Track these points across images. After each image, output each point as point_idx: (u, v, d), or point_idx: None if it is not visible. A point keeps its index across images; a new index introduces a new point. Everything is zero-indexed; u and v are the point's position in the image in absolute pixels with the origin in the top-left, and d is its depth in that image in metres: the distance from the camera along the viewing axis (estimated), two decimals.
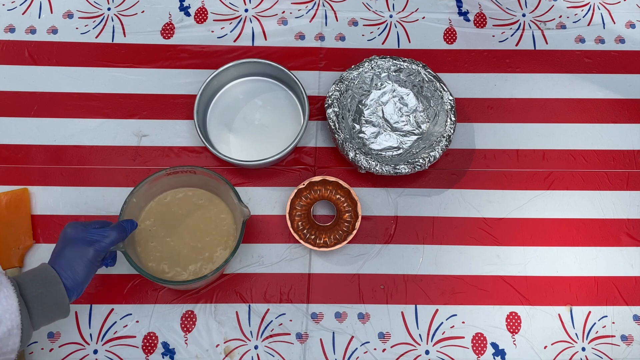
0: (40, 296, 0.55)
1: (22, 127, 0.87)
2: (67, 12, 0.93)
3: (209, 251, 0.75)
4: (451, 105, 0.83)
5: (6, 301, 0.50)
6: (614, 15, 0.96)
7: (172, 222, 0.76)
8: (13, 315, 0.51)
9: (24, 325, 0.52)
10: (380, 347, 0.78)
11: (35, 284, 0.55)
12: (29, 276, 0.56)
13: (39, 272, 0.57)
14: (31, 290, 0.54)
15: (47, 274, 0.56)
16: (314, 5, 0.95)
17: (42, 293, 0.55)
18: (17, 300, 0.51)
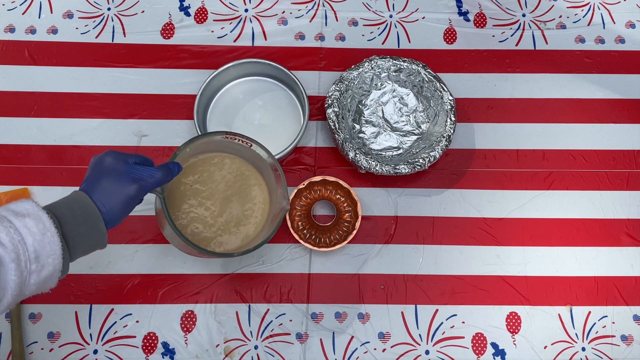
0: (80, 235, 0.51)
1: (22, 127, 0.87)
2: (67, 12, 0.93)
3: (243, 228, 0.70)
4: (451, 105, 0.83)
5: (50, 246, 0.48)
6: (614, 15, 0.96)
7: (214, 186, 0.70)
8: (56, 261, 0.49)
9: (64, 267, 0.51)
10: (380, 347, 0.78)
11: (76, 221, 0.51)
12: (69, 211, 0.51)
13: (80, 206, 0.52)
14: (72, 229, 0.51)
15: (88, 210, 0.52)
16: (314, 5, 0.95)
17: (83, 232, 0.52)
18: (61, 244, 0.49)
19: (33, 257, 0.47)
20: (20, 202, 0.50)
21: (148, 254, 0.81)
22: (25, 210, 0.49)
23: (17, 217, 0.48)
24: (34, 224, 0.48)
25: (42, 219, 0.48)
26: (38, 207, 0.49)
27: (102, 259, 0.81)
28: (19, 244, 0.46)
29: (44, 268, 0.49)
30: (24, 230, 0.47)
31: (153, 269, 0.80)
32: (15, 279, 0.46)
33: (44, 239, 0.48)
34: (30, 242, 0.47)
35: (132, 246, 0.81)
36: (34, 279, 0.48)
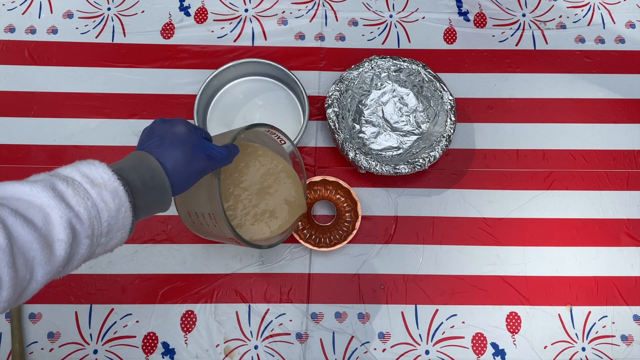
0: (148, 204, 0.50)
1: (22, 127, 0.87)
2: (67, 12, 0.93)
3: (275, 221, 0.70)
4: (451, 105, 0.83)
5: (122, 222, 0.47)
6: (614, 15, 0.96)
7: (250, 176, 0.70)
8: (125, 234, 0.49)
9: (129, 236, 0.50)
10: (380, 347, 0.78)
11: (147, 192, 0.49)
12: (142, 180, 0.49)
13: (152, 176, 0.50)
14: (142, 199, 0.49)
15: (160, 181, 0.50)
16: (314, 5, 0.95)
17: (151, 202, 0.50)
18: (132, 218, 0.48)
19: (105, 232, 0.46)
20: (94, 167, 0.46)
21: (148, 254, 0.81)
22: (101, 180, 0.46)
23: (94, 187, 0.45)
24: (111, 198, 0.46)
25: (118, 193, 0.46)
26: (114, 176, 0.46)
27: (102, 259, 0.81)
28: (94, 220, 0.45)
29: (111, 240, 0.48)
30: (101, 204, 0.45)
31: (153, 269, 0.81)
32: (85, 252, 0.45)
33: (118, 214, 0.47)
34: (105, 217, 0.45)
35: (132, 246, 0.81)
36: (100, 250, 0.48)
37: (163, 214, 0.82)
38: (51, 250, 0.42)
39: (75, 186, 0.44)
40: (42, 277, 0.42)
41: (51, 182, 0.44)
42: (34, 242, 0.40)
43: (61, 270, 0.44)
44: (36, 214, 0.42)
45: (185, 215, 0.65)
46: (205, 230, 0.64)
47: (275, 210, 0.70)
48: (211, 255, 0.81)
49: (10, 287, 0.39)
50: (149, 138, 0.53)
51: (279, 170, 0.71)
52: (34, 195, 0.42)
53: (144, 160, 0.50)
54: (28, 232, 0.40)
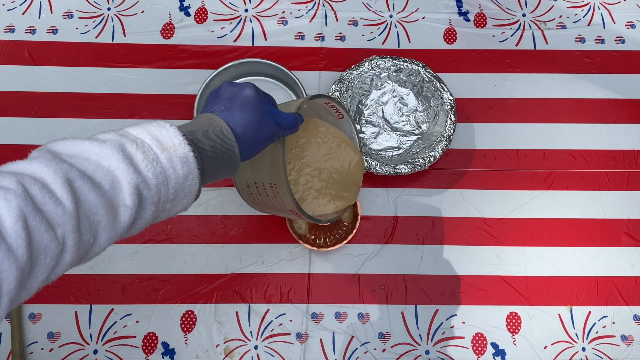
0: (216, 171, 0.48)
1: (22, 127, 0.87)
2: (67, 12, 0.93)
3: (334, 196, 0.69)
4: (451, 105, 0.83)
5: (188, 189, 0.46)
6: (614, 15, 0.96)
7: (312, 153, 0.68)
8: (190, 201, 0.47)
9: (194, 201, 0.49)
10: (380, 347, 0.78)
11: (216, 157, 0.48)
12: (211, 145, 0.47)
13: (222, 142, 0.48)
14: (210, 165, 0.47)
15: (229, 147, 0.48)
16: (314, 5, 0.95)
17: (219, 168, 0.48)
18: (199, 185, 0.47)
19: (171, 198, 0.45)
20: (165, 130, 0.45)
21: (148, 254, 0.81)
22: (171, 144, 0.44)
23: (164, 152, 0.43)
24: (180, 164, 0.44)
25: (188, 160, 0.44)
26: (184, 141, 0.44)
27: (102, 259, 0.81)
28: (161, 186, 0.43)
29: (176, 206, 0.47)
30: (170, 171, 0.43)
31: (153, 269, 0.81)
32: (149, 217, 0.44)
33: (186, 181, 0.45)
34: (172, 184, 0.44)
35: (132, 246, 0.81)
36: (164, 215, 0.46)
37: None
38: (116, 216, 0.41)
39: (145, 149, 0.43)
40: (105, 241, 0.41)
41: (121, 143, 0.42)
42: (100, 206, 0.39)
43: (124, 234, 0.43)
44: (104, 176, 0.40)
45: (242, 186, 0.63)
46: (263, 201, 0.63)
47: (338, 187, 0.69)
48: (211, 255, 0.81)
49: (74, 251, 0.38)
50: (217, 101, 0.51)
51: (342, 147, 0.70)
52: (103, 156, 0.41)
53: (213, 124, 0.48)
54: (95, 197, 0.39)
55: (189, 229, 0.82)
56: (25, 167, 0.38)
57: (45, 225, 0.36)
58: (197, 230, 0.82)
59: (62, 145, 0.42)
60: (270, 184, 0.59)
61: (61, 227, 0.37)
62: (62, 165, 0.39)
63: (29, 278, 0.36)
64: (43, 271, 0.37)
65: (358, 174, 0.70)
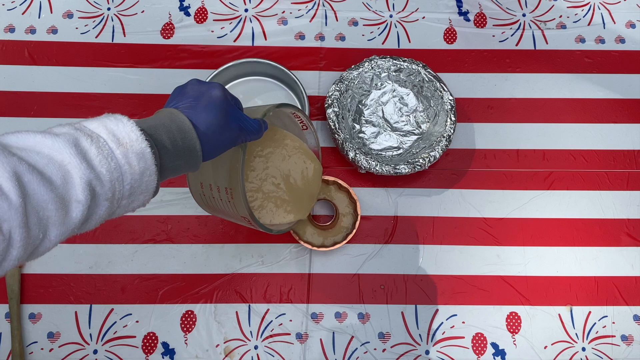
0: (175, 167, 0.48)
1: (22, 127, 0.86)
2: (67, 12, 0.93)
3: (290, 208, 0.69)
4: (451, 105, 0.83)
5: (145, 185, 0.45)
6: (614, 15, 0.96)
7: (276, 163, 0.69)
8: (147, 197, 0.46)
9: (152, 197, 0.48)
10: (380, 347, 0.78)
11: (176, 153, 0.47)
12: (171, 140, 0.46)
13: (183, 137, 0.47)
14: (170, 161, 0.47)
15: (190, 143, 0.47)
16: (314, 5, 0.95)
17: (179, 165, 0.48)
18: (156, 181, 0.46)
19: (127, 195, 0.44)
20: (122, 124, 0.44)
21: (148, 254, 0.81)
22: (128, 139, 0.43)
23: (119, 147, 0.43)
24: (136, 160, 0.43)
25: (144, 156, 0.44)
26: (142, 137, 0.43)
27: (102, 259, 0.81)
28: (116, 182, 0.42)
29: (133, 202, 0.46)
30: (125, 167, 0.43)
31: (153, 269, 0.81)
32: (103, 213, 0.43)
33: (142, 178, 0.44)
34: (128, 180, 0.43)
35: (132, 246, 0.81)
36: (120, 212, 0.46)
37: (163, 213, 0.82)
38: (67, 211, 0.40)
39: (100, 144, 0.42)
40: (56, 237, 0.40)
41: (75, 137, 0.41)
42: (50, 202, 0.38)
43: (76, 230, 0.42)
44: (55, 171, 0.39)
45: (196, 186, 0.63)
46: (215, 204, 0.62)
47: (297, 199, 0.69)
48: (211, 255, 0.81)
49: (21, 246, 0.37)
50: (182, 98, 0.50)
51: (306, 162, 0.70)
52: (55, 150, 0.40)
53: (175, 120, 0.47)
54: (44, 191, 0.38)
55: (189, 229, 0.82)
56: None
57: None
58: (197, 230, 0.82)
59: (13, 138, 0.40)
60: (226, 188, 0.58)
61: (7, 222, 0.36)
62: (11, 158, 0.37)
63: None
64: None
65: (314, 186, 0.71)
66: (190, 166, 0.49)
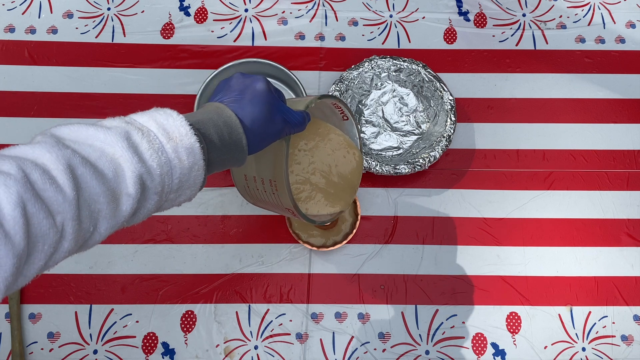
0: (222, 160, 0.48)
1: (22, 127, 0.87)
2: (67, 12, 0.93)
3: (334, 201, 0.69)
4: (451, 105, 0.83)
5: (193, 180, 0.45)
6: (614, 15, 0.96)
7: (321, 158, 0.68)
8: (194, 191, 0.47)
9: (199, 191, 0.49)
10: (380, 347, 0.78)
11: (223, 147, 0.47)
12: (219, 135, 0.47)
13: (230, 132, 0.47)
14: (217, 156, 0.47)
15: (237, 138, 0.48)
16: (314, 5, 0.95)
17: (226, 159, 0.48)
18: (204, 176, 0.46)
19: (175, 189, 0.45)
20: (172, 118, 0.45)
21: (148, 254, 0.81)
22: (178, 134, 0.44)
23: (170, 142, 0.43)
24: (186, 155, 0.44)
25: (194, 150, 0.44)
26: (191, 131, 0.44)
27: (102, 259, 0.81)
28: (166, 177, 0.43)
29: (180, 197, 0.46)
30: (175, 161, 0.43)
31: (153, 269, 0.81)
32: (152, 207, 0.44)
33: (191, 172, 0.45)
34: (177, 174, 0.44)
35: (132, 246, 0.81)
36: (167, 206, 0.46)
37: (163, 213, 0.82)
38: (117, 205, 0.40)
39: (151, 138, 0.42)
40: (106, 230, 0.40)
41: (126, 130, 0.42)
42: (102, 195, 0.39)
43: (125, 223, 0.42)
44: (107, 164, 0.40)
45: (240, 178, 0.63)
46: (259, 196, 0.62)
47: (340, 191, 0.69)
48: (211, 255, 0.81)
49: (73, 239, 0.38)
50: (228, 92, 0.51)
51: (349, 155, 0.70)
52: (107, 143, 0.40)
53: (221, 114, 0.48)
54: (97, 184, 0.39)
55: (189, 229, 0.82)
56: (27, 151, 0.37)
57: (45, 212, 0.35)
58: (197, 230, 0.82)
59: (66, 130, 0.41)
60: (270, 180, 0.59)
61: (61, 215, 0.36)
62: (65, 151, 0.38)
63: (26, 264, 0.35)
64: (41, 258, 0.36)
65: (357, 178, 0.71)
66: (236, 160, 0.49)
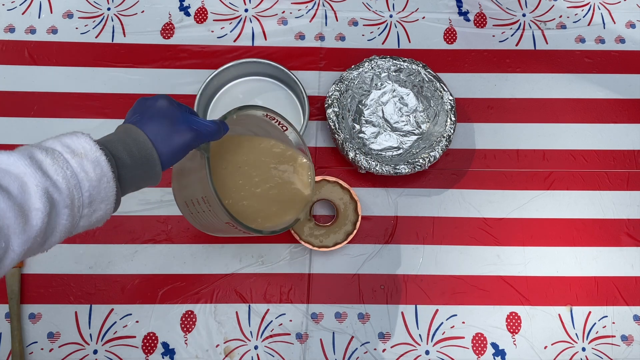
0: (135, 176, 0.49)
1: (22, 127, 0.87)
2: (67, 12, 0.93)
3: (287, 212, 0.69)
4: (451, 105, 0.83)
5: (104, 192, 0.46)
6: (614, 15, 0.96)
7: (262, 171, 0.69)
8: (109, 205, 0.48)
9: (115, 208, 0.49)
10: (380, 347, 0.78)
11: (133, 163, 0.49)
12: (127, 151, 0.48)
13: (139, 148, 0.49)
14: (129, 171, 0.48)
15: (147, 152, 0.49)
16: (314, 5, 0.95)
17: (139, 174, 0.49)
18: (116, 189, 0.47)
19: (87, 203, 0.45)
20: (76, 137, 0.47)
21: (148, 254, 0.81)
22: (82, 149, 0.45)
23: (74, 157, 0.45)
24: (92, 167, 0.45)
25: (100, 163, 0.46)
26: (96, 147, 0.46)
27: (102, 259, 0.81)
28: (74, 189, 0.44)
29: (95, 212, 0.47)
30: (81, 174, 0.44)
31: (153, 269, 0.81)
32: (66, 223, 0.44)
33: (100, 184, 0.46)
34: (86, 187, 0.45)
35: (132, 246, 0.81)
36: (84, 222, 0.47)
37: (163, 214, 0.82)
38: (27, 219, 0.41)
39: (55, 156, 0.44)
40: (19, 246, 0.41)
41: (30, 151, 0.43)
42: (8, 210, 0.40)
43: (41, 241, 0.43)
44: (12, 182, 0.41)
45: (183, 207, 0.64)
46: (204, 220, 0.62)
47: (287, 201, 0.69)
48: (211, 255, 0.81)
49: None
50: (132, 115, 0.53)
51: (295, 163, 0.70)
52: (10, 164, 0.42)
53: (129, 133, 0.50)
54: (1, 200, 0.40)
55: (189, 229, 0.82)
56: None
57: None
58: (197, 230, 0.82)
59: None
60: (203, 197, 0.58)
61: None
62: None
63: None
64: None
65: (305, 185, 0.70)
66: (151, 175, 0.50)
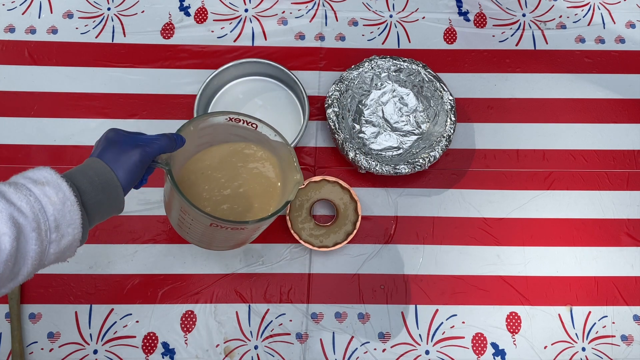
0: (99, 202, 0.52)
1: (22, 127, 0.87)
2: (67, 12, 0.93)
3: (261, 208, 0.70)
4: (451, 105, 0.83)
5: (70, 215, 0.48)
6: (614, 15, 0.96)
7: (226, 169, 0.70)
8: (76, 230, 0.49)
9: (84, 235, 0.51)
10: (380, 347, 0.78)
11: (94, 189, 0.51)
12: (87, 178, 0.52)
13: (98, 174, 0.52)
14: (91, 197, 0.51)
15: (106, 177, 0.52)
16: (314, 5, 0.95)
17: (102, 199, 0.52)
18: (80, 212, 0.49)
19: (53, 227, 0.47)
20: (38, 170, 0.49)
21: (148, 254, 0.81)
22: (44, 179, 0.48)
23: (37, 185, 0.47)
24: (54, 192, 0.47)
25: (61, 188, 0.48)
26: (56, 175, 0.49)
27: (102, 259, 0.81)
28: (39, 213, 0.46)
29: (63, 237, 0.48)
30: (44, 199, 0.46)
31: (153, 269, 0.81)
32: (35, 248, 0.46)
33: (64, 208, 0.48)
34: (50, 211, 0.47)
35: (132, 246, 0.81)
36: (54, 249, 0.48)
37: (163, 213, 0.82)
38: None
39: (18, 186, 0.46)
40: None
41: None
42: None
43: (12, 267, 0.44)
44: None
45: (179, 230, 0.66)
46: (197, 235, 0.64)
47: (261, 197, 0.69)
48: (211, 255, 0.81)
49: None
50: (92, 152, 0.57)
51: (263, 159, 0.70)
52: None
53: (87, 164, 0.54)
54: None
55: None
56: None
57: None
58: None
59: None
60: (182, 209, 0.60)
61: None
62: None
63: None
64: None
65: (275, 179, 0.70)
66: (114, 199, 0.53)
